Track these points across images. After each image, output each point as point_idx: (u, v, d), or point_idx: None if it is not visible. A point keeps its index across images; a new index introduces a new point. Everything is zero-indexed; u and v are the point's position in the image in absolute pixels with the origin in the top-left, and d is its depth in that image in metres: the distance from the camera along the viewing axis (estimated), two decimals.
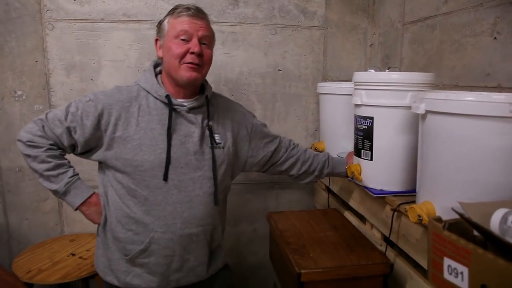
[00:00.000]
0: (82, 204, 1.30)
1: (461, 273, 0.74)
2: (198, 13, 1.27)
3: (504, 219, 0.76)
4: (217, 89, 2.04)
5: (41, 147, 1.25)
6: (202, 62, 1.27)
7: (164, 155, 1.24)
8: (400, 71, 1.59)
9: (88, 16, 1.91)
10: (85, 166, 1.67)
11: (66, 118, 1.24)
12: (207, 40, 1.29)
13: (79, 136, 1.24)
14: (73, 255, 1.81)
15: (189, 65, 1.24)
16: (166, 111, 1.27)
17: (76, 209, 1.31)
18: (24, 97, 1.93)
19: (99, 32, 1.93)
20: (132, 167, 1.24)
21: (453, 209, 0.81)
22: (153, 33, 1.33)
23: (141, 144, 1.24)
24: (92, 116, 1.23)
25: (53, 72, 1.93)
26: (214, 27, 1.33)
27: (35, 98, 1.94)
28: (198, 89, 1.36)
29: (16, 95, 1.92)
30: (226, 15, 2.01)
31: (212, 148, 1.31)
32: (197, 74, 1.27)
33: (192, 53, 1.23)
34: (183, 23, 1.24)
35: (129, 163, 1.23)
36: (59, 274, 1.65)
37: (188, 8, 1.26)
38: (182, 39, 1.24)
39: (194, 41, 1.24)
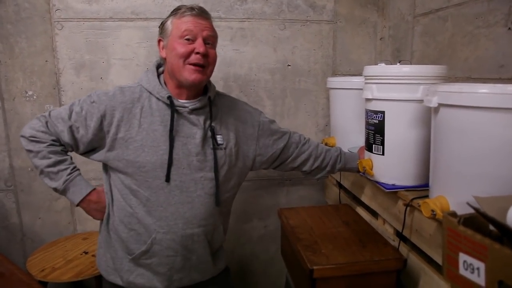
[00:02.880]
0: (82, 201, 1.31)
1: (477, 268, 0.73)
2: (202, 13, 1.26)
3: None
4: (226, 85, 2.04)
5: (43, 143, 1.26)
6: (207, 62, 1.26)
7: (166, 156, 1.24)
8: (411, 64, 1.56)
9: (96, 15, 1.91)
10: (96, 165, 1.67)
11: (69, 117, 1.26)
12: (212, 40, 1.28)
13: (82, 136, 1.26)
14: (86, 253, 1.83)
15: (193, 66, 1.23)
16: (168, 112, 1.26)
17: (77, 206, 1.31)
18: (35, 97, 1.95)
19: (108, 30, 1.93)
20: (134, 168, 1.24)
21: (468, 203, 0.80)
22: None
23: (143, 145, 1.23)
24: (96, 117, 1.24)
25: (63, 72, 1.94)
26: (222, 23, 1.33)
27: (46, 97, 1.96)
28: (202, 89, 1.35)
29: (27, 95, 1.94)
30: (234, 11, 2.00)
31: (214, 149, 1.30)
32: (202, 76, 1.26)
33: (198, 53, 1.22)
34: (188, 22, 1.23)
35: (131, 164, 1.24)
36: (72, 272, 1.67)
37: (192, 8, 1.25)
38: (187, 39, 1.23)
39: (199, 41, 1.23)
